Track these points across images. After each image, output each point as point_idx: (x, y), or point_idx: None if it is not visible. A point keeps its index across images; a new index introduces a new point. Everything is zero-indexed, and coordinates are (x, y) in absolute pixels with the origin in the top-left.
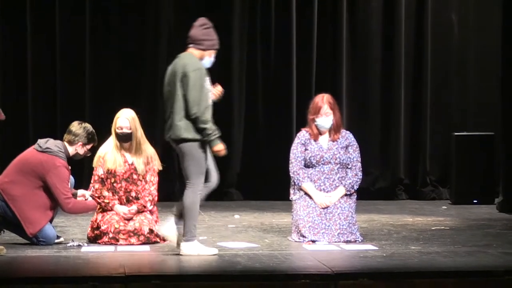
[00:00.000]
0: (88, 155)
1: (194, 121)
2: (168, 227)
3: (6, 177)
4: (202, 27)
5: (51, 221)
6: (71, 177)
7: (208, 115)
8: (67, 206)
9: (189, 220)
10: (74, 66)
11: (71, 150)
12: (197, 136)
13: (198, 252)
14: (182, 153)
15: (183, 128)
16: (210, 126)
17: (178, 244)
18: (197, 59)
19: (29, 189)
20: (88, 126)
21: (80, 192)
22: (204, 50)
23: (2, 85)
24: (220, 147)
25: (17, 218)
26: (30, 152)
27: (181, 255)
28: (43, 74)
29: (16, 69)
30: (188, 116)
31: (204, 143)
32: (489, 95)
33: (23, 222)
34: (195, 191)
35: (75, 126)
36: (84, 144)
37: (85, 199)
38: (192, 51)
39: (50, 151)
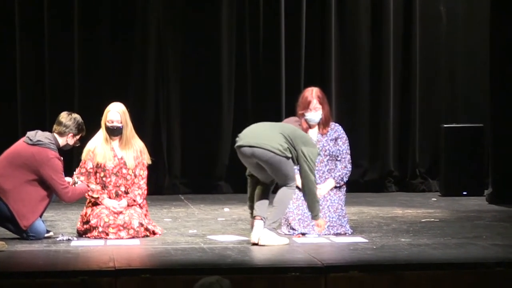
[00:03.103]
0: (78, 145)
1: None
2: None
3: None
4: (297, 123)
5: (40, 215)
6: None
7: None
8: (66, 195)
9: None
10: (63, 60)
11: (62, 141)
12: None
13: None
14: None
15: None
16: None
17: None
18: None
19: (21, 182)
20: (78, 117)
21: (66, 180)
22: None
23: None
24: None
25: (11, 211)
26: (20, 145)
27: None
28: (32, 67)
29: (4, 62)
30: None
31: None
32: (478, 87)
33: (16, 215)
34: None
35: (65, 117)
36: (74, 135)
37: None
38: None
39: (41, 144)
